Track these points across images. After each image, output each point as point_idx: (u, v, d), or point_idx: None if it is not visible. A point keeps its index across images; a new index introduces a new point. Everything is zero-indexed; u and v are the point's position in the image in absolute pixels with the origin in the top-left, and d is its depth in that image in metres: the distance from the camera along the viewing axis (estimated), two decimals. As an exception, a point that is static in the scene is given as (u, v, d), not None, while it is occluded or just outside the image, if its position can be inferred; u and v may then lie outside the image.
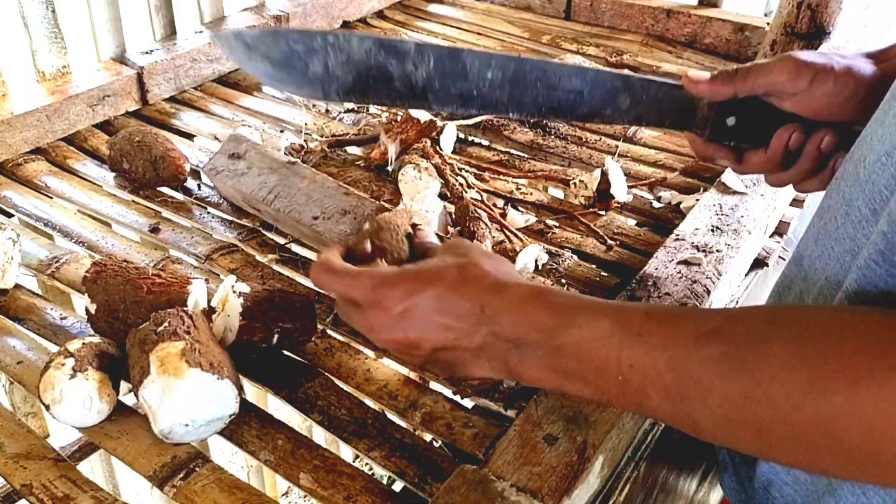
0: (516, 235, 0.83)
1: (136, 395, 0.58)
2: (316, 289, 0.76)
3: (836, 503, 0.52)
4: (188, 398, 0.56)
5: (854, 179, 0.49)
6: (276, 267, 0.80)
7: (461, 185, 0.90)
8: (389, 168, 0.97)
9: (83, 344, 0.60)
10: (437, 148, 0.98)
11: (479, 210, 0.83)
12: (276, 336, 0.65)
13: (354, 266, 0.56)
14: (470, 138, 1.07)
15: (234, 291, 0.63)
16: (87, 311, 0.65)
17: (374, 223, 0.65)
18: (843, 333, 0.37)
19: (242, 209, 0.87)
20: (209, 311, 0.66)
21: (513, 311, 0.49)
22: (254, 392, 1.10)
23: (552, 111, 0.64)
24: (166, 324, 0.59)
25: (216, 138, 1.04)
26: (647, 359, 0.43)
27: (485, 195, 0.92)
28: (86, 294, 0.65)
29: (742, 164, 0.67)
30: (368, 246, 0.61)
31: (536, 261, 0.80)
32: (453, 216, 0.87)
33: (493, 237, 0.83)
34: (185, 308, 0.62)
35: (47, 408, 0.58)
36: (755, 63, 0.63)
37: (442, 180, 0.91)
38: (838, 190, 0.52)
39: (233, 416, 0.59)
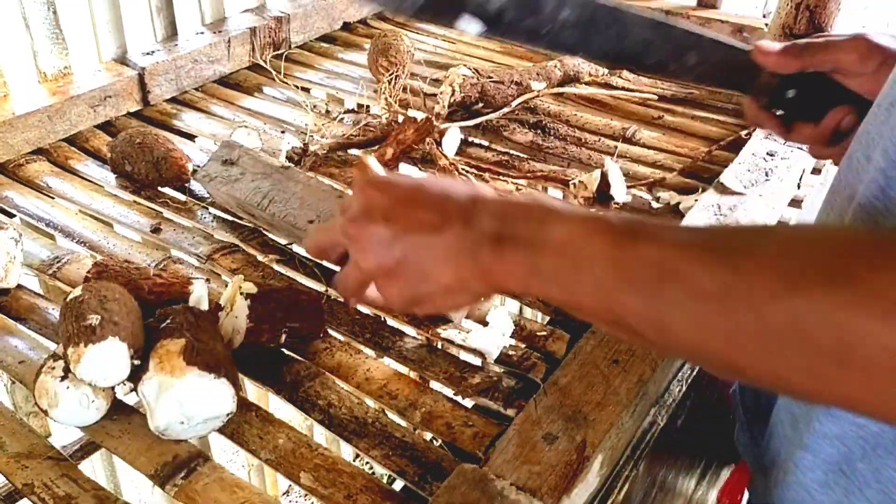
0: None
1: (135, 392, 0.59)
2: (316, 288, 0.77)
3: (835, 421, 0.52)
4: (184, 396, 0.56)
5: (856, 135, 0.51)
6: (276, 267, 0.81)
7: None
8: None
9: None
10: (441, 150, 0.99)
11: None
12: (283, 336, 0.65)
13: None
14: (470, 139, 1.07)
15: (241, 293, 0.64)
16: (88, 310, 0.65)
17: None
18: (828, 238, 0.38)
19: (237, 216, 0.87)
20: (217, 309, 0.66)
21: (502, 207, 0.48)
22: (255, 391, 1.10)
23: (619, 58, 0.65)
24: (169, 320, 0.59)
25: (216, 142, 1.04)
26: (633, 254, 0.42)
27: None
28: (87, 294, 0.65)
29: (789, 134, 0.68)
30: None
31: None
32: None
33: None
34: (191, 305, 0.62)
35: (46, 413, 0.58)
36: (827, 39, 0.64)
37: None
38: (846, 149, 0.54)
39: (230, 415, 0.59)
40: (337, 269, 0.58)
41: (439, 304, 0.54)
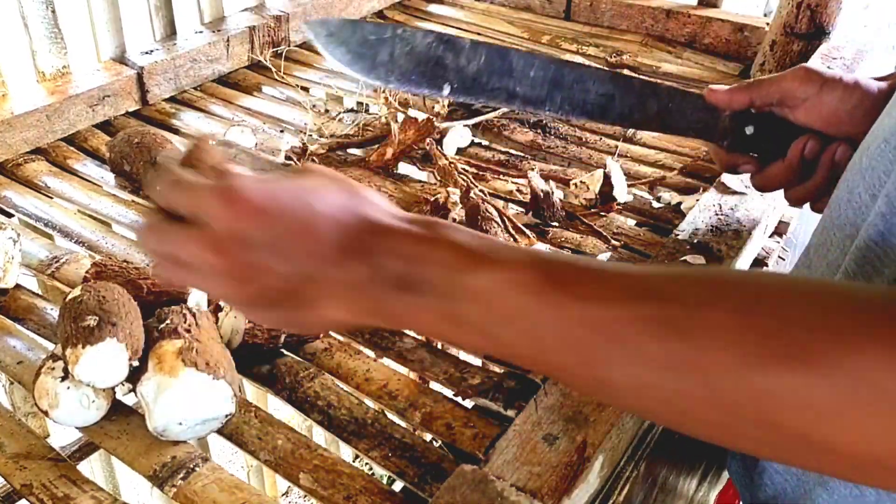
0: (525, 234, 0.83)
1: (133, 392, 0.58)
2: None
3: (829, 496, 0.52)
4: (182, 397, 0.56)
5: (857, 168, 0.51)
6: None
7: (470, 185, 0.90)
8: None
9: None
10: (440, 149, 0.98)
11: (490, 210, 0.83)
12: (283, 336, 0.65)
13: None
14: (470, 139, 1.07)
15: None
16: (87, 311, 0.65)
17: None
18: (800, 307, 0.34)
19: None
20: (216, 309, 0.66)
21: (409, 247, 0.41)
22: (254, 392, 1.10)
23: (585, 112, 0.69)
24: (168, 321, 0.59)
25: (214, 141, 1.04)
26: (569, 312, 0.37)
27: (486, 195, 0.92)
28: (86, 294, 0.65)
29: (762, 174, 0.71)
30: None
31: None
32: (463, 217, 0.86)
33: (507, 237, 0.82)
34: (189, 305, 0.62)
35: (46, 413, 0.58)
36: (770, 75, 0.70)
37: (450, 181, 0.91)
38: (844, 180, 0.54)
39: (229, 416, 0.59)
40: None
41: (314, 331, 0.51)
